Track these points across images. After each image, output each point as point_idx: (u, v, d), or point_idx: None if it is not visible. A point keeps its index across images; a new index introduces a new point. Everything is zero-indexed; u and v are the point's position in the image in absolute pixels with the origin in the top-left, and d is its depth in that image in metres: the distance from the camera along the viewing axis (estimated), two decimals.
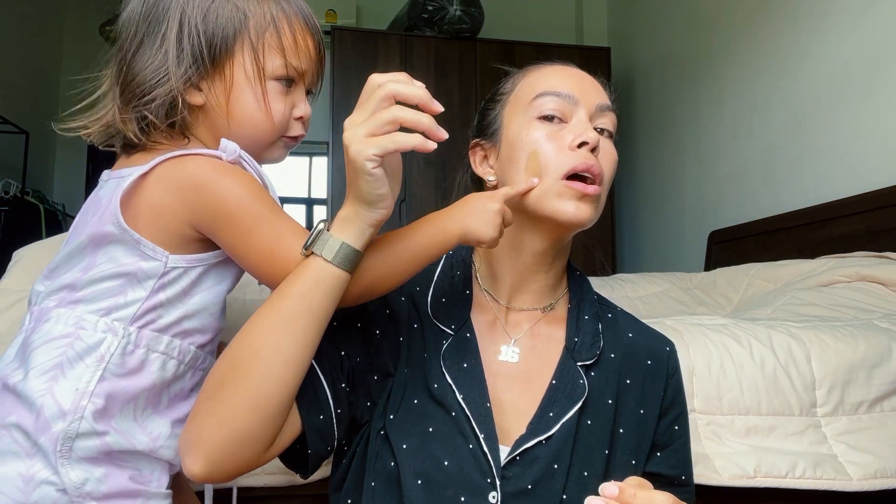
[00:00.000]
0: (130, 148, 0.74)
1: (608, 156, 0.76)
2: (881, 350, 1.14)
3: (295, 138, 0.78)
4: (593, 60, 3.58)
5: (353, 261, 0.63)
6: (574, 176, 0.72)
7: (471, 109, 3.48)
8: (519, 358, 0.77)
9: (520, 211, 0.75)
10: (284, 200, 3.14)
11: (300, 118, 0.77)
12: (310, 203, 4.60)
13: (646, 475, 0.76)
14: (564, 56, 0.83)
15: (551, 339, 0.78)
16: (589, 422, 0.73)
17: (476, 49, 3.53)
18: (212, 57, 0.71)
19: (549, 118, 0.75)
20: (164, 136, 0.72)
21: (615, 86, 0.88)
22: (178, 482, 0.81)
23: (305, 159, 4.65)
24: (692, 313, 1.84)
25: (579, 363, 0.75)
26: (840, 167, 2.18)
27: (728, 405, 1.07)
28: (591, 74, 0.81)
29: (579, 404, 0.72)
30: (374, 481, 0.70)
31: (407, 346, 0.75)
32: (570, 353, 0.76)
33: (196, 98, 0.72)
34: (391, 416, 0.71)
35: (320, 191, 4.56)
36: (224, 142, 0.70)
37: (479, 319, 0.78)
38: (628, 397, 0.76)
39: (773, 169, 2.54)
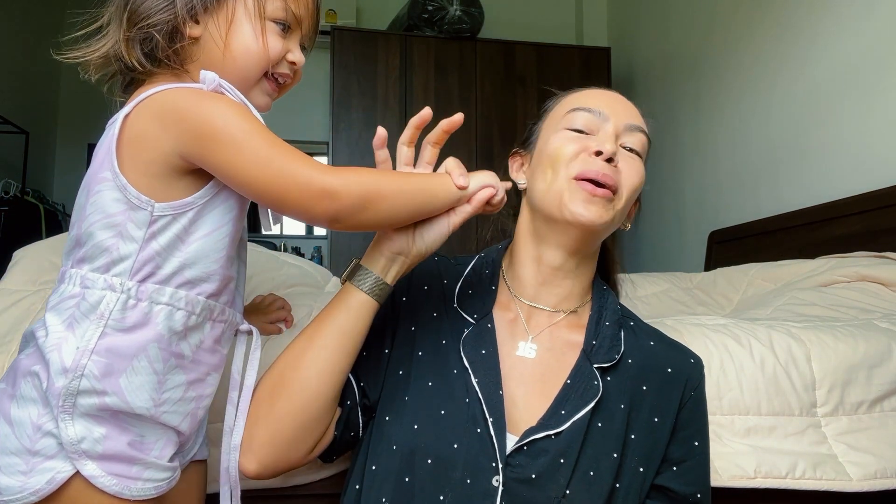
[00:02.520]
0: (128, 85, 0.76)
1: (631, 170, 0.80)
2: (881, 350, 1.14)
3: (279, 84, 0.79)
4: (593, 60, 3.57)
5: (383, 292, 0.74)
6: (587, 181, 0.76)
7: (470, 109, 3.48)
8: (535, 355, 0.79)
9: (539, 215, 0.81)
10: None
11: (293, 63, 0.78)
12: None
13: (654, 488, 0.76)
14: (565, 56, 0.86)
15: (570, 343, 0.80)
16: (600, 424, 0.74)
17: (476, 49, 3.52)
18: None
19: (577, 130, 0.81)
20: (165, 63, 0.74)
21: (615, 86, 0.91)
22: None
23: None
24: (692, 313, 1.83)
25: (595, 365, 0.76)
26: (840, 167, 2.18)
27: (728, 405, 1.07)
28: (631, 102, 0.87)
29: (591, 405, 0.73)
30: (374, 465, 0.73)
31: (420, 334, 0.78)
32: (586, 355, 0.78)
33: (194, 30, 0.74)
34: (405, 398, 0.75)
35: None
36: (203, 73, 0.71)
37: (501, 315, 0.82)
38: (643, 404, 0.77)
39: (773, 169, 2.54)
